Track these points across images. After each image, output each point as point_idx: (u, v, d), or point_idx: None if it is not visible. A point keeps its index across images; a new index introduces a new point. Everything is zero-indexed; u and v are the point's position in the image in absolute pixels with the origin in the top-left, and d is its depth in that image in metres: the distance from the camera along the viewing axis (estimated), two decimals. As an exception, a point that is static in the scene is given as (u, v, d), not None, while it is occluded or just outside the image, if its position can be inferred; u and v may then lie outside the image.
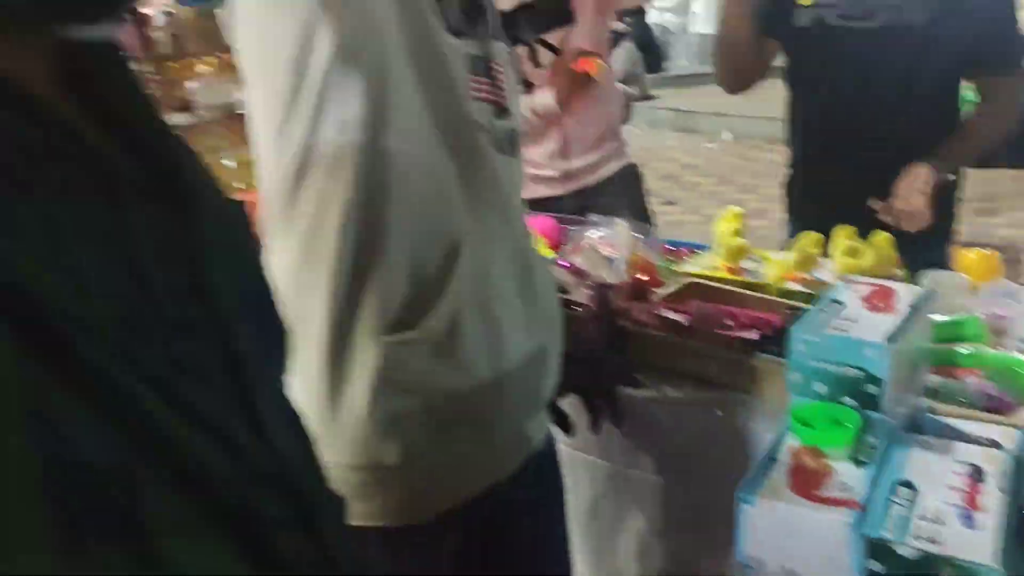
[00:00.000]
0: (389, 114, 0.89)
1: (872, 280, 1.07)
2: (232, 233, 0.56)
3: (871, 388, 0.87)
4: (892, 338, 0.89)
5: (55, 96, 0.48)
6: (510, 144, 1.03)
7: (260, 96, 0.93)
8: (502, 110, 1.00)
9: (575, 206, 2.16)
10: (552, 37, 2.11)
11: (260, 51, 0.92)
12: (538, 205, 2.04)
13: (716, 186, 6.61)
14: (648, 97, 9.48)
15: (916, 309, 0.97)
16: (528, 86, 2.13)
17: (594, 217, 1.71)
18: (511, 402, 1.04)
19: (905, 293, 1.01)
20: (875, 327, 0.91)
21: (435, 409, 0.97)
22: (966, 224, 2.09)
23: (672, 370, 1.31)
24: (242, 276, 0.56)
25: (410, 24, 0.89)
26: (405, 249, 0.94)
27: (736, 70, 1.93)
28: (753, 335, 1.29)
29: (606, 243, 1.65)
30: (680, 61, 12.11)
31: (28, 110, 0.44)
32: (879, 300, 0.99)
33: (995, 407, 1.13)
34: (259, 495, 0.50)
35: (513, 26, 2.01)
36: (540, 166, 2.20)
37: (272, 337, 0.60)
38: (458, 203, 0.96)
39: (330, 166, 0.90)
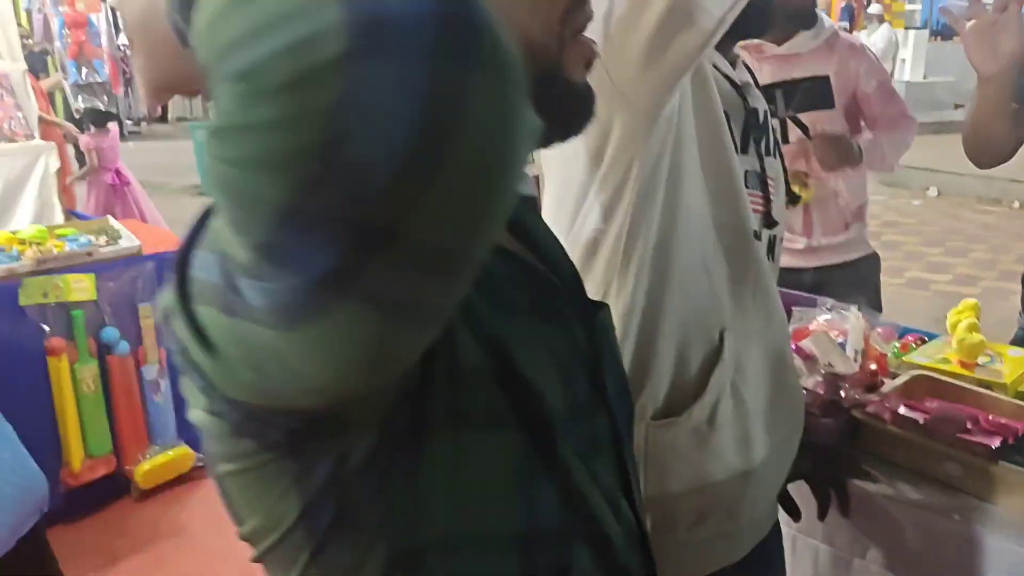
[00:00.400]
0: (679, 214, 0.98)
1: None
2: (604, 329, 0.71)
3: None
4: None
5: (511, 240, 0.63)
6: (773, 250, 1.11)
7: (557, 189, 1.04)
8: (771, 220, 1.08)
9: (815, 282, 2.22)
10: (806, 117, 2.16)
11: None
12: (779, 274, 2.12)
13: (920, 246, 6.28)
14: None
15: None
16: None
17: (825, 300, 1.74)
18: (755, 492, 1.10)
19: None
20: None
21: (688, 493, 1.05)
22: None
23: (907, 468, 1.33)
24: (611, 366, 0.71)
25: (707, 140, 0.98)
26: (676, 338, 1.03)
27: (992, 146, 1.81)
28: (995, 442, 1.29)
29: (833, 326, 1.68)
30: (885, 109, 11.60)
31: (507, 254, 0.59)
32: None
33: None
34: (631, 552, 0.65)
35: (769, 99, 2.09)
36: (786, 236, 2.25)
37: (629, 414, 0.73)
38: (726, 302, 1.04)
39: (619, 256, 0.99)
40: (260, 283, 0.38)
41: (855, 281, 2.30)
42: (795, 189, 2.12)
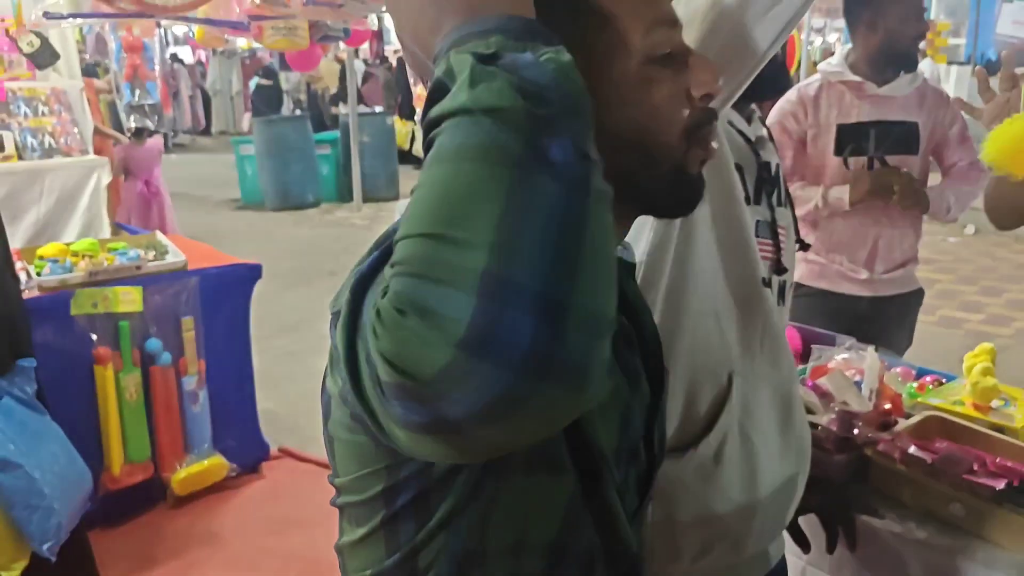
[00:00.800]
0: (690, 265, 1.05)
1: None
2: (659, 391, 0.83)
3: None
4: None
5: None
6: (783, 296, 1.16)
7: None
8: (781, 267, 1.13)
9: (870, 309, 2.35)
10: (890, 160, 2.27)
11: None
12: (837, 299, 2.32)
13: (954, 284, 6.24)
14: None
15: None
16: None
17: (844, 338, 1.79)
18: (761, 526, 1.15)
19: None
20: None
21: (693, 524, 1.10)
22: None
23: (915, 507, 1.37)
24: (661, 419, 0.85)
25: (718, 194, 1.05)
26: (686, 380, 1.09)
27: (1015, 212, 1.83)
28: (1000, 484, 1.33)
29: (850, 365, 1.72)
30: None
31: None
32: None
33: None
34: (637, 569, 0.77)
35: (862, 137, 2.18)
36: (849, 266, 2.38)
37: (662, 460, 0.86)
38: (735, 346, 1.10)
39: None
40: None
41: (904, 312, 2.44)
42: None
